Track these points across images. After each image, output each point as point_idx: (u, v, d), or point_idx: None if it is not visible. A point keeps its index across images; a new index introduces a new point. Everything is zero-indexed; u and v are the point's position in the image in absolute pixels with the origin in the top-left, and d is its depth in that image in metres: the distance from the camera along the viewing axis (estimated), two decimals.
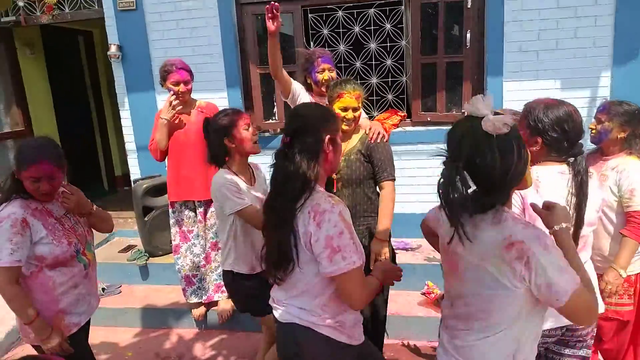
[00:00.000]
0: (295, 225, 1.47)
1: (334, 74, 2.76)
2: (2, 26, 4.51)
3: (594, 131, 2.26)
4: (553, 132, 1.66)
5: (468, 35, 3.79)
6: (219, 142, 2.16)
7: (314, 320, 1.54)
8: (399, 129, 3.58)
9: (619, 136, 2.19)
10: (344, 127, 2.23)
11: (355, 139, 2.35)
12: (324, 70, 2.72)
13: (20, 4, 4.48)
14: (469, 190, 1.16)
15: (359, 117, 2.32)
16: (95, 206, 2.21)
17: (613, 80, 3.55)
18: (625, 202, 2.13)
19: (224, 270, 2.34)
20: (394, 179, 2.33)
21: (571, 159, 1.67)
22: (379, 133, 2.35)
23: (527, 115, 1.72)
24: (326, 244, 1.41)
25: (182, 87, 3.03)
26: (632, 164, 2.15)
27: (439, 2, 3.81)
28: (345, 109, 2.24)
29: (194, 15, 4.13)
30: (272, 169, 1.58)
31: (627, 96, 3.55)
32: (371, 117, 4.10)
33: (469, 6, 3.74)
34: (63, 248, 1.96)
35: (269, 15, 2.45)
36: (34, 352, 2.04)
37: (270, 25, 2.47)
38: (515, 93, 3.67)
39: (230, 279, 2.30)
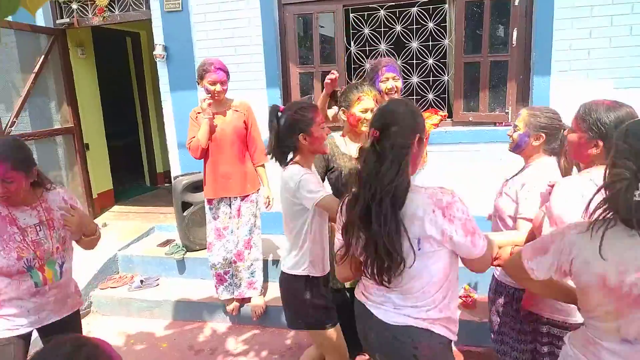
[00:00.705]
0: (402, 223, 1.42)
1: (398, 84, 2.69)
2: (56, 27, 4.74)
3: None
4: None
5: (514, 33, 3.66)
6: (293, 136, 2.02)
7: (432, 318, 1.51)
8: (440, 128, 3.49)
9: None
10: (364, 128, 2.30)
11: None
12: (387, 79, 2.67)
13: (74, 6, 4.70)
14: None
15: None
16: (99, 228, 2.18)
17: None
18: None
19: (293, 276, 2.11)
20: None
21: None
22: None
23: (586, 117, 1.61)
24: (465, 232, 1.44)
25: (218, 87, 3.08)
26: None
27: (485, 0, 3.71)
28: (365, 111, 2.34)
29: (236, 16, 4.20)
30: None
31: None
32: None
33: (516, 4, 3.61)
34: (9, 261, 1.85)
35: (328, 82, 2.53)
36: None
37: (328, 88, 2.57)
38: (563, 92, 3.51)
39: (303, 286, 2.10)
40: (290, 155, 2.10)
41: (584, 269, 1.21)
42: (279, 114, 2.07)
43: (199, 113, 3.18)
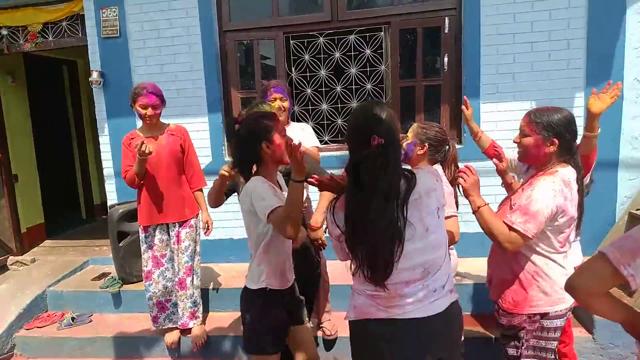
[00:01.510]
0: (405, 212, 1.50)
1: (285, 104, 2.87)
2: None
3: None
4: (567, 133, 1.82)
5: (445, 59, 3.86)
6: (255, 145, 1.96)
7: (452, 287, 1.63)
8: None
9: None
10: None
11: None
12: (275, 99, 2.83)
13: (4, 32, 4.51)
14: None
15: None
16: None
17: (586, 100, 3.60)
18: None
19: (252, 290, 2.04)
20: None
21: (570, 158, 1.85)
22: None
23: (538, 120, 1.84)
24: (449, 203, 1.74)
25: (149, 111, 3.01)
26: None
27: (417, 27, 3.90)
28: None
29: (176, 42, 4.17)
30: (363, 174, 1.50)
31: (601, 115, 3.62)
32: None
33: (446, 31, 3.83)
34: None
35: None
36: None
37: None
38: (492, 114, 3.72)
39: (261, 302, 2.03)
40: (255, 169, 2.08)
41: None
42: (236, 125, 2.03)
43: (132, 139, 3.09)
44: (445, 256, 1.60)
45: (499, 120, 3.73)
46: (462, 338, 1.75)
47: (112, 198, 4.38)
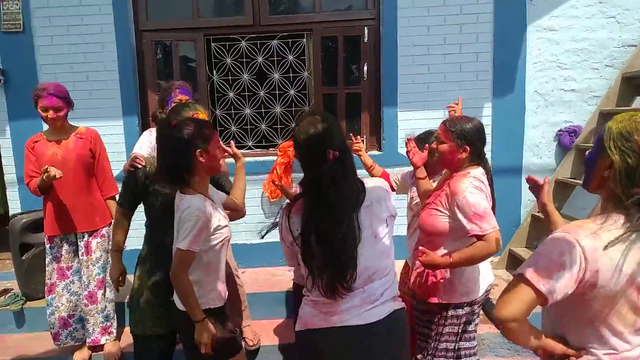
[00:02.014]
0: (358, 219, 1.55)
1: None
2: None
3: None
4: (477, 141, 2.00)
5: (365, 68, 3.97)
6: (189, 153, 1.84)
7: (396, 294, 1.65)
8: None
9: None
10: None
11: None
12: (180, 100, 2.71)
13: None
14: None
15: None
16: None
17: (494, 110, 3.88)
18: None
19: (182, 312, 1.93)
20: None
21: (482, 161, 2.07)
22: None
23: (452, 129, 2.02)
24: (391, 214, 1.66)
25: (51, 114, 2.82)
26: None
27: (338, 35, 3.98)
28: None
29: (89, 40, 3.93)
30: (324, 189, 1.51)
31: (505, 124, 3.91)
32: (276, 145, 4.11)
33: (365, 41, 3.94)
34: None
35: None
36: None
37: None
38: (408, 122, 3.87)
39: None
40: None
41: (613, 275, 1.15)
42: (170, 129, 1.88)
43: (36, 142, 2.88)
44: (392, 265, 1.64)
45: (415, 128, 3.88)
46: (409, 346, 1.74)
47: (14, 207, 4.03)
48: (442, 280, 2.00)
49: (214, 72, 4.14)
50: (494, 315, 1.26)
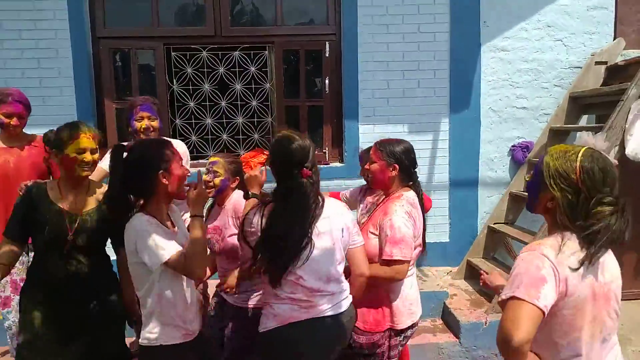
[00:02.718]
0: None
1: (155, 123, 2.75)
2: None
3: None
4: (406, 160, 2.09)
5: (327, 81, 4.02)
6: (150, 176, 1.73)
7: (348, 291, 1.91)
8: (263, 167, 3.59)
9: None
10: (83, 172, 1.97)
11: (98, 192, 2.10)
12: (142, 118, 2.71)
13: None
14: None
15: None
16: None
17: (451, 125, 4.01)
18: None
19: (141, 347, 1.77)
20: None
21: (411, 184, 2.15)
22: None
23: (382, 149, 2.11)
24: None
25: (14, 121, 2.74)
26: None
27: (300, 49, 4.02)
28: (83, 151, 1.95)
29: (41, 46, 3.81)
30: (294, 200, 1.75)
31: (462, 139, 4.05)
32: (238, 156, 4.08)
33: (327, 55, 4.00)
34: None
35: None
36: None
37: None
38: (369, 135, 3.93)
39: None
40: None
41: (579, 284, 1.25)
42: (124, 153, 1.76)
43: None
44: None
45: (375, 141, 3.97)
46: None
47: None
48: (384, 307, 2.06)
49: (174, 81, 4.09)
50: (498, 341, 1.24)
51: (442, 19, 3.94)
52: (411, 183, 2.14)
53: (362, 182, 3.07)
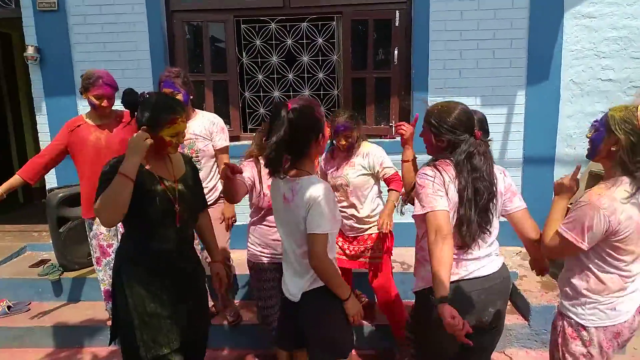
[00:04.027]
0: None
1: (178, 97, 2.78)
2: None
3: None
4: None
5: (395, 52, 3.92)
6: (311, 138, 1.80)
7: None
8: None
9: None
10: (174, 152, 2.01)
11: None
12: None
13: None
14: None
15: None
16: None
17: (527, 98, 3.80)
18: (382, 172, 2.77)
19: (322, 290, 1.87)
20: None
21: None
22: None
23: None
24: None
25: (104, 103, 2.90)
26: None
27: (369, 19, 3.92)
28: (177, 134, 1.95)
29: (120, 20, 3.98)
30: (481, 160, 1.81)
31: (539, 113, 3.83)
32: None
33: (396, 24, 3.88)
34: None
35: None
36: None
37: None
38: None
39: (334, 301, 1.89)
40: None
41: (627, 222, 1.64)
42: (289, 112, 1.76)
43: (78, 126, 2.95)
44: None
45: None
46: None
47: (51, 182, 4.18)
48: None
49: (244, 54, 4.15)
50: (544, 253, 1.88)
51: None
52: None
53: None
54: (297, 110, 1.76)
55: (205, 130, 2.99)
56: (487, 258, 1.86)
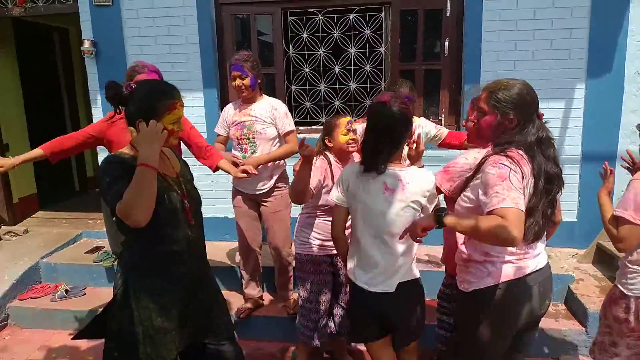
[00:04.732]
0: None
1: (245, 81, 2.81)
2: None
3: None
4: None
5: (446, 43, 3.80)
6: (408, 130, 2.00)
7: None
8: None
9: None
10: (175, 142, 1.85)
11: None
12: (234, 77, 2.82)
13: None
14: None
15: None
16: None
17: (587, 91, 3.60)
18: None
19: (419, 281, 2.10)
20: None
21: None
22: None
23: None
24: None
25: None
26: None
27: (419, 9, 3.82)
28: (178, 120, 1.77)
29: (171, 14, 4.06)
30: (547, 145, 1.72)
31: (600, 107, 3.62)
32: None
33: (447, 15, 3.76)
34: None
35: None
36: None
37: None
38: None
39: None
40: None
41: None
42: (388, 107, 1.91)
43: (121, 118, 3.01)
44: None
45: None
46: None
47: None
48: None
49: (290, 46, 4.14)
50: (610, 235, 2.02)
51: None
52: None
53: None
54: (396, 105, 1.89)
55: (266, 114, 2.98)
56: (542, 249, 1.84)
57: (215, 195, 3.96)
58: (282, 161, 3.09)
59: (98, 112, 4.29)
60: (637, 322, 1.97)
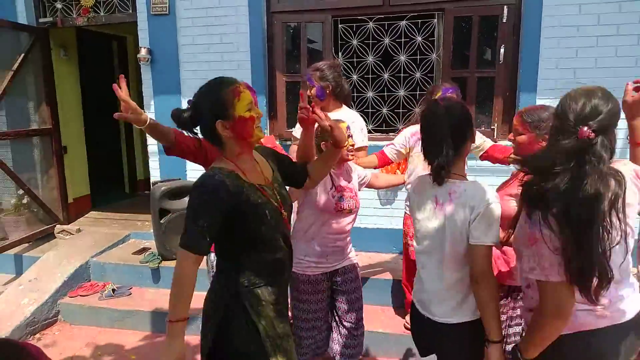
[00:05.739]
0: None
1: (313, 91, 2.83)
2: (39, 26, 4.63)
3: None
4: None
5: (502, 50, 3.67)
6: (468, 135, 1.70)
7: None
8: None
9: None
10: (261, 134, 1.65)
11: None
12: (308, 88, 2.87)
13: (59, 5, 4.61)
14: None
15: None
16: None
17: None
18: None
19: (472, 323, 1.64)
20: None
21: None
22: None
23: (529, 120, 1.91)
24: None
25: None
26: None
27: (473, 15, 3.72)
28: (252, 105, 1.62)
29: (224, 22, 4.15)
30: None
31: None
32: (396, 130, 4.01)
33: (504, 21, 3.63)
34: None
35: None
36: None
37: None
38: None
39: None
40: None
41: None
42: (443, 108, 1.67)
43: None
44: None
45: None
46: None
47: (155, 175, 4.46)
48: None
49: (339, 53, 4.12)
50: None
51: None
52: None
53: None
54: (451, 106, 1.64)
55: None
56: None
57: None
58: None
59: (151, 117, 4.40)
60: None
